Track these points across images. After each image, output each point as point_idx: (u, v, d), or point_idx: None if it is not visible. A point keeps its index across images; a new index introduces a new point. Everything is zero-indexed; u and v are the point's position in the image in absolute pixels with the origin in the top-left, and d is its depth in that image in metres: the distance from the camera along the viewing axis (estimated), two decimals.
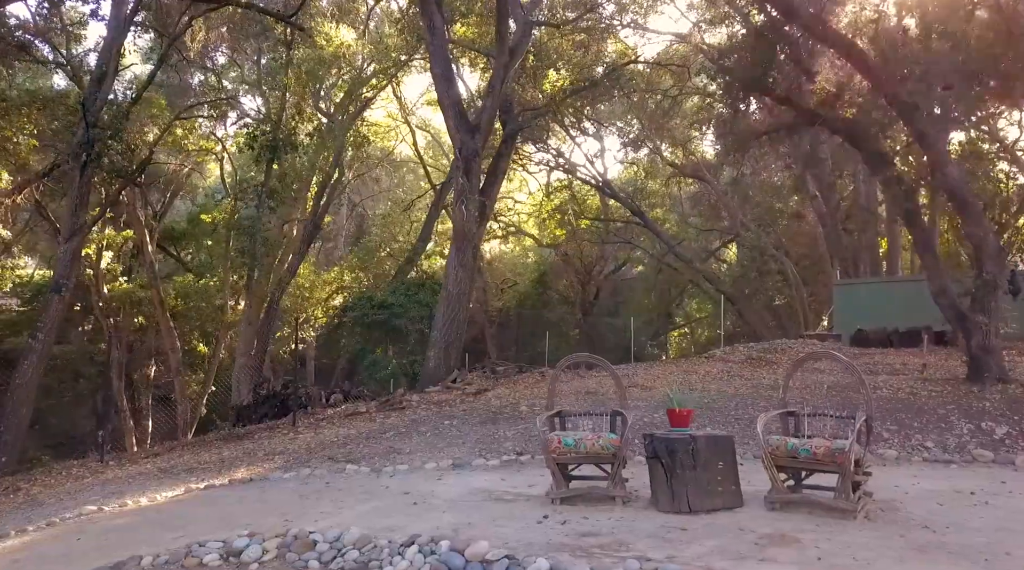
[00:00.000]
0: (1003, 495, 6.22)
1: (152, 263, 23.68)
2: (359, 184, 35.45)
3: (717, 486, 5.66)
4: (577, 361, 7.37)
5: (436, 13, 15.86)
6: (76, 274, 17.57)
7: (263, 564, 5.02)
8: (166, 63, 23.20)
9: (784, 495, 5.60)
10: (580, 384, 13.69)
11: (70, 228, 16.29)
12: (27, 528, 6.84)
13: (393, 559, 4.68)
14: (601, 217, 32.11)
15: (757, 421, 5.78)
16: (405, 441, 9.45)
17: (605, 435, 6.05)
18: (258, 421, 16.04)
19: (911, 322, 16.60)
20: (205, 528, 5.91)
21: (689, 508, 5.58)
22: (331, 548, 4.99)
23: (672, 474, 5.65)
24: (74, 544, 6.02)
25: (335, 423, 12.76)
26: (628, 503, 5.99)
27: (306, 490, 7.23)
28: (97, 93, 16.27)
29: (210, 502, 7.10)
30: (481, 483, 7.08)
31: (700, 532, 5.13)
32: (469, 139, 15.14)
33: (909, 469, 7.38)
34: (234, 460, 9.60)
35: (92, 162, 15.85)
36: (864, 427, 5.68)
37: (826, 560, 4.48)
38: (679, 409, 6.01)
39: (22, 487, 10.22)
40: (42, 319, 16.30)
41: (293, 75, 20.40)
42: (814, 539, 4.90)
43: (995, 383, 10.35)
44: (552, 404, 6.78)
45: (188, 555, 5.20)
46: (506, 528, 5.38)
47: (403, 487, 7.05)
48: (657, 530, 5.20)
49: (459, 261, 15.31)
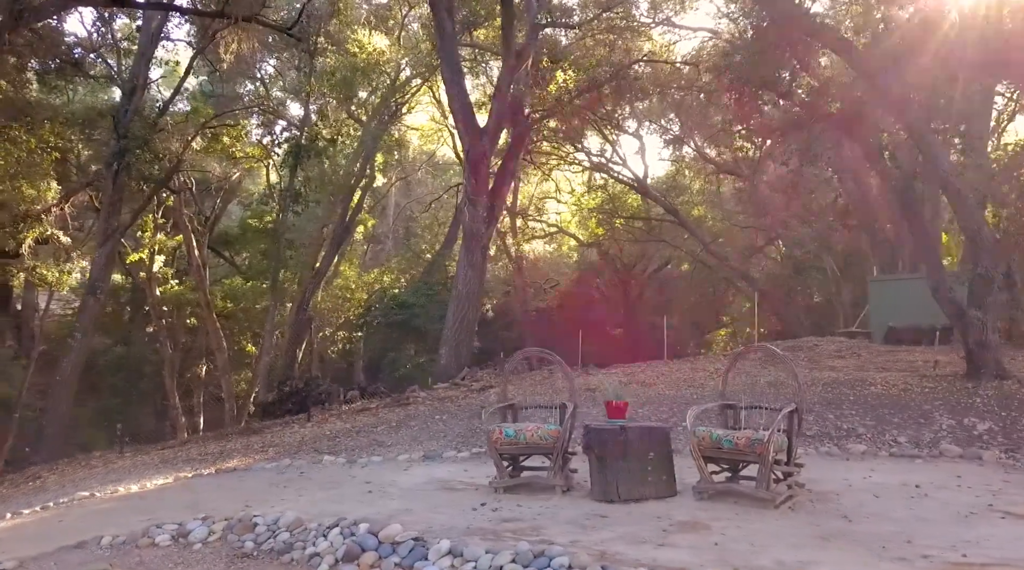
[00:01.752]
0: (949, 489, 6.20)
1: (199, 266, 24.59)
2: (405, 186, 36.11)
3: (647, 476, 5.81)
4: (528, 355, 7.55)
5: (447, 19, 16.18)
6: (110, 276, 18.48)
7: (207, 544, 5.39)
8: (194, 74, 24.31)
9: (711, 485, 5.73)
10: (581, 382, 13.88)
11: (103, 233, 17.22)
12: (23, 511, 7.39)
13: (317, 540, 4.99)
14: (635, 215, 32.01)
15: (688, 413, 5.91)
16: (391, 435, 9.79)
17: (545, 427, 6.26)
18: (280, 416, 16.65)
19: (945, 320, 16.12)
20: (172, 512, 6.32)
21: (619, 497, 5.74)
22: (268, 530, 5.33)
23: (603, 464, 5.82)
24: (55, 525, 6.52)
25: (342, 418, 13.19)
26: (568, 492, 6.19)
27: (279, 479, 7.62)
28: (128, 105, 17.15)
29: (189, 489, 7.55)
30: (443, 474, 7.35)
31: (618, 519, 5.30)
32: (477, 141, 15.43)
33: (871, 463, 7.37)
34: (232, 452, 10.10)
35: (123, 171, 16.71)
36: (791, 419, 5.75)
37: (722, 545, 4.62)
38: (615, 402, 6.17)
39: (42, 475, 10.92)
40: (80, 319, 17.27)
41: (317, 83, 20.97)
42: (724, 526, 5.03)
43: (992, 379, 10.14)
44: (505, 397, 7.01)
45: (144, 535, 5.62)
46: (441, 514, 5.64)
47: (368, 477, 7.38)
48: (578, 517, 5.39)
49: (468, 261, 15.61)
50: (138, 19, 18.34)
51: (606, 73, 16.09)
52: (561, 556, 4.18)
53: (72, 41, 19.35)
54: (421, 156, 34.81)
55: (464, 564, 4.34)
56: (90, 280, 17.48)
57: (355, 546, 4.73)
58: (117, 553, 5.42)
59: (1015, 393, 9.50)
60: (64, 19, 19.20)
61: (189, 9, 15.54)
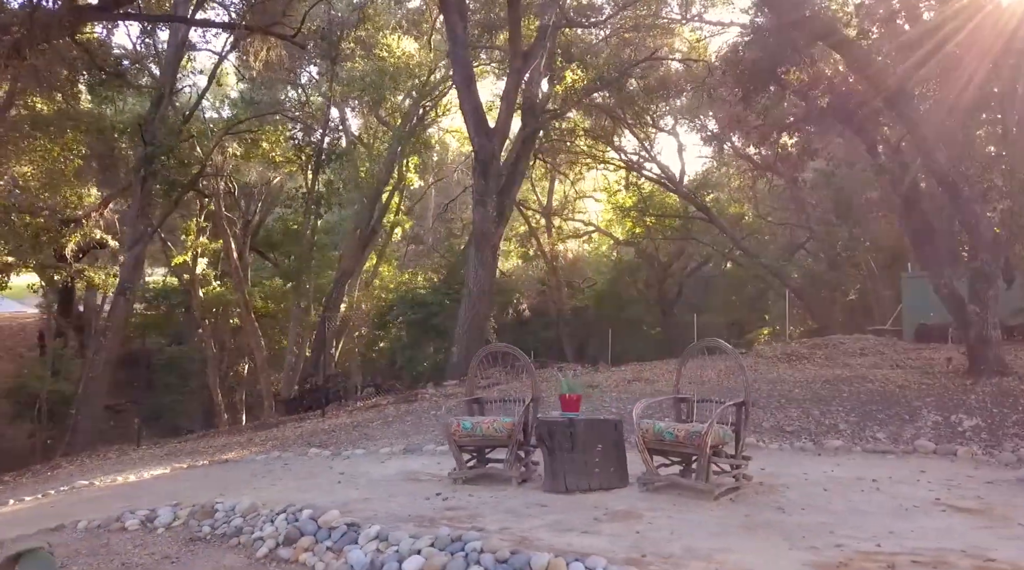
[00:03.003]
0: (907, 484, 6.18)
1: (238, 268, 25.31)
2: (446, 187, 36.52)
3: (595, 467, 5.94)
4: (495, 351, 7.73)
5: (458, 23, 16.42)
6: (139, 277, 19.23)
7: (169, 528, 5.71)
8: (238, 81, 25.09)
9: (655, 477, 5.83)
10: (587, 379, 13.98)
11: (132, 237, 17.92)
12: (25, 498, 7.85)
13: (264, 525, 5.26)
14: (665, 213, 31.80)
15: (635, 406, 6.02)
16: (384, 429, 10.06)
17: (500, 419, 6.43)
18: (301, 412, 17.15)
19: None
20: (153, 499, 6.66)
21: (566, 488, 5.88)
22: (225, 516, 5.62)
23: (553, 456, 5.97)
24: (47, 511, 6.94)
25: (352, 414, 13.55)
26: (524, 483, 6.35)
27: (262, 470, 7.94)
28: (155, 114, 17.81)
29: (177, 479, 7.93)
30: (415, 466, 7.58)
31: (557, 509, 5.45)
32: (486, 142, 15.65)
33: (841, 459, 7.36)
34: (233, 445, 10.51)
35: (150, 177, 17.39)
36: (739, 412, 5.82)
37: (643, 533, 4.73)
38: (569, 395, 6.30)
39: (63, 466, 11.49)
40: (110, 319, 18.02)
41: (338, 87, 21.45)
42: (655, 516, 5.14)
43: (993, 376, 9.95)
44: (472, 392, 7.21)
45: (117, 520, 5.97)
46: (393, 503, 5.86)
47: (344, 469, 7.65)
48: (519, 506, 5.55)
49: (479, 261, 15.84)
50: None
51: (614, 72, 16.10)
52: (475, 541, 4.36)
53: (120, 53, 20.37)
54: (459, 157, 35.13)
55: (388, 547, 4.55)
56: (119, 281, 18.19)
57: (295, 530, 4.98)
58: (90, 535, 5.77)
59: (1012, 390, 9.31)
60: (112, 33, 20.29)
61: (199, 21, 16.08)
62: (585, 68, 16.47)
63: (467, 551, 4.31)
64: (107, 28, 18.88)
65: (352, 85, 22.89)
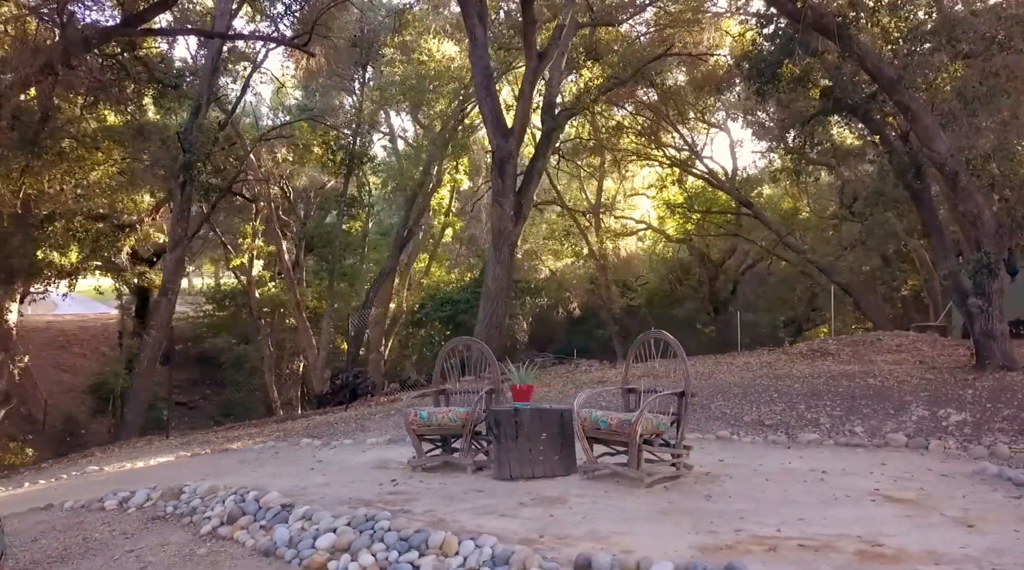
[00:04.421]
0: (856, 476, 6.15)
1: (289, 270, 26.21)
2: None
3: (539, 455, 6.12)
4: (459, 343, 7.97)
5: (478, 26, 16.67)
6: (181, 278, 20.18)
7: (140, 508, 6.15)
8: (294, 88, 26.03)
9: (594, 465, 5.98)
10: (598, 375, 14.12)
11: (173, 239, 18.85)
12: (39, 482, 8.49)
13: (216, 506, 5.63)
14: (710, 209, 31.36)
15: (577, 396, 6.17)
16: (382, 421, 10.42)
17: (455, 409, 6.68)
18: (331, 407, 17.75)
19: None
20: (142, 483, 7.14)
21: (511, 475, 6.09)
22: (188, 497, 6.03)
23: (499, 444, 6.18)
24: (50, 493, 7.50)
25: (370, 407, 14.00)
26: (479, 471, 6.57)
27: (251, 458, 8.38)
28: (193, 122, 18.68)
29: (178, 466, 8.44)
30: (391, 455, 7.89)
31: (492, 494, 5.66)
32: (503, 142, 15.85)
33: (807, 451, 7.32)
34: (242, 436, 11.04)
35: (189, 182, 18.27)
36: (679, 402, 5.92)
37: (557, 518, 4.91)
38: (519, 385, 6.50)
39: (96, 455, 12.24)
40: (153, 318, 19.01)
41: (372, 91, 22.04)
42: (580, 502, 5.30)
43: (997, 370, 9.69)
44: (438, 383, 7.47)
45: (99, 501, 6.45)
46: (347, 488, 6.17)
47: (325, 457, 8.03)
48: (457, 492, 5.79)
49: (497, 259, 16.07)
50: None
51: (629, 71, 16.11)
52: (384, 520, 4.63)
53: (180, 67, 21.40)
54: None
55: (311, 526, 4.85)
56: (162, 283, 19.16)
57: (238, 510, 5.34)
58: (71, 514, 6.27)
59: (1012, 385, 9.04)
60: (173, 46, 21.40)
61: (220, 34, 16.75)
62: (603, 67, 16.50)
63: (376, 529, 4.58)
64: (168, 43, 19.98)
65: (390, 90, 23.42)
